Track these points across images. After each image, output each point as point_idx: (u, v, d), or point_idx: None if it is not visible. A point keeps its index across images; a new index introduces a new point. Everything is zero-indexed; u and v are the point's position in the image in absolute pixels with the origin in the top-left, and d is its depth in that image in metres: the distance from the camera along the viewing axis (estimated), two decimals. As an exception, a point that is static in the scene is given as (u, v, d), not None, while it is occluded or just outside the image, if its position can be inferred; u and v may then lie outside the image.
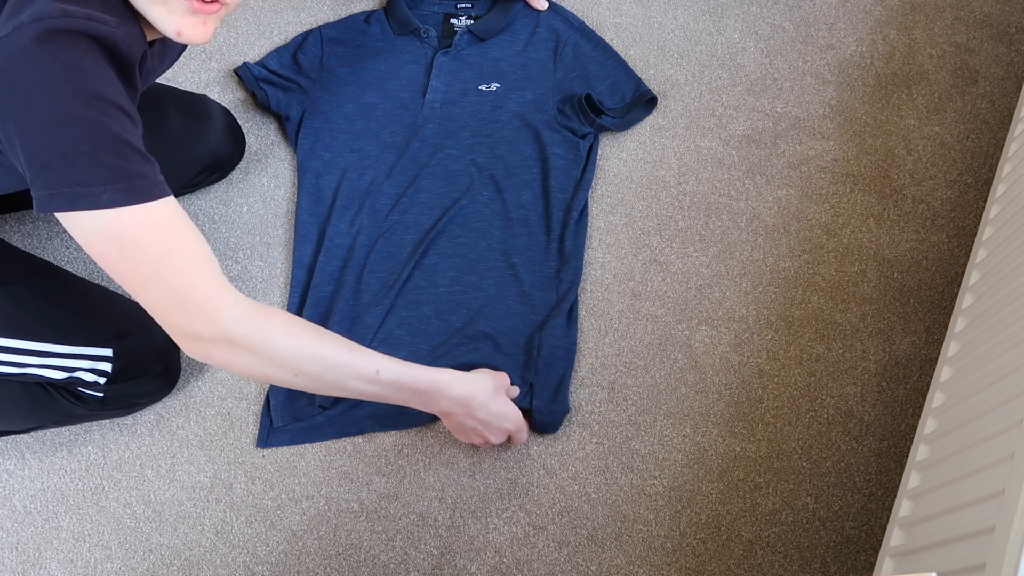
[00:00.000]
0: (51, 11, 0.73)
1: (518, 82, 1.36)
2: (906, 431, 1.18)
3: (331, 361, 0.92)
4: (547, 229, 1.26)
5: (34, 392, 1.06)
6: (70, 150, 0.75)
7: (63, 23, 0.73)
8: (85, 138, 0.76)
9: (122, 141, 0.78)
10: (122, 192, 0.78)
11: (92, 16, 0.75)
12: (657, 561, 1.11)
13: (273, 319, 0.89)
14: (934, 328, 1.24)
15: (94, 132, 0.76)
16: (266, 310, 0.88)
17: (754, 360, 1.22)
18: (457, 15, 1.41)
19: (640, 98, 1.36)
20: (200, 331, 0.84)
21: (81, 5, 0.76)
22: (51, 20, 0.73)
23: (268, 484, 1.15)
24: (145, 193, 0.79)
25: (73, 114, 0.75)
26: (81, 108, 0.75)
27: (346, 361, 0.93)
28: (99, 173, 0.77)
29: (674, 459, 1.16)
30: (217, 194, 1.32)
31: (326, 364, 0.91)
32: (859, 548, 1.11)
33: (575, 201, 1.28)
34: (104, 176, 0.77)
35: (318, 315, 1.21)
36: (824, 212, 1.32)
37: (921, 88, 1.42)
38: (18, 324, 1.02)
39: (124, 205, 0.78)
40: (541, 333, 1.19)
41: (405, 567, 1.11)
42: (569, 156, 1.31)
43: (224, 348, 0.86)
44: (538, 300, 1.22)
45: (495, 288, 1.22)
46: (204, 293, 0.83)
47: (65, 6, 0.74)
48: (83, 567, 1.10)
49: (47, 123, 0.75)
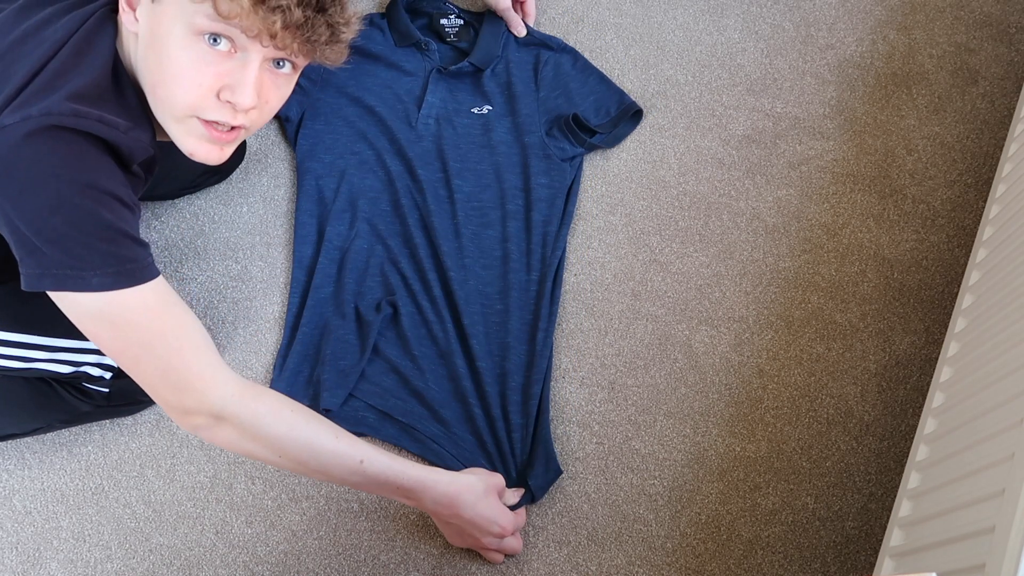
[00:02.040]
0: (62, 109, 0.76)
1: (508, 104, 1.36)
2: (906, 431, 1.18)
3: (316, 448, 0.93)
4: (528, 267, 1.25)
5: (40, 389, 1.06)
6: (62, 236, 0.78)
7: (71, 122, 0.76)
8: (77, 225, 0.78)
9: (114, 228, 0.80)
10: (112, 276, 0.81)
11: (103, 119, 0.78)
12: (657, 561, 1.11)
13: (263, 400, 0.91)
14: (934, 328, 1.24)
15: (86, 220, 0.78)
16: (257, 390, 0.91)
17: (754, 360, 1.22)
18: (447, 14, 1.41)
19: (625, 111, 1.35)
20: (190, 407, 0.87)
21: (94, 106, 0.77)
22: (59, 117, 0.75)
23: (268, 484, 1.15)
24: (135, 276, 0.82)
25: (66, 203, 0.77)
26: (75, 198, 0.77)
27: (331, 449, 0.93)
28: (90, 258, 0.79)
29: (674, 459, 1.16)
30: (217, 194, 1.32)
31: (311, 450, 0.92)
32: (859, 548, 1.11)
33: (559, 238, 1.26)
34: (95, 261, 0.80)
35: (318, 316, 1.22)
36: (824, 212, 1.32)
37: (921, 88, 1.42)
38: (25, 319, 1.02)
39: (114, 289, 0.81)
40: (526, 395, 1.16)
41: (405, 567, 1.11)
42: (554, 186, 1.30)
43: (213, 424, 0.89)
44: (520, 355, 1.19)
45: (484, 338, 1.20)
46: (196, 372, 0.86)
47: (78, 107, 0.76)
48: (83, 567, 1.10)
49: (40, 209, 0.77)
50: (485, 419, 1.16)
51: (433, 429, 1.15)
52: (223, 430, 0.89)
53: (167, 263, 1.27)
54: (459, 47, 1.41)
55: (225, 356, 1.22)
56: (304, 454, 0.92)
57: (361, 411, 1.16)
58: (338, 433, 0.95)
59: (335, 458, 0.94)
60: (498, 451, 1.14)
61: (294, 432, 0.91)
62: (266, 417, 0.90)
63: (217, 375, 0.88)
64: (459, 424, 1.16)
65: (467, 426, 1.15)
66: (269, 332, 1.23)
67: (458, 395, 1.17)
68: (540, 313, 1.21)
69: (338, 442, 0.94)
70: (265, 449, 0.91)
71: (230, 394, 0.88)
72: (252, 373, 1.21)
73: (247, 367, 1.21)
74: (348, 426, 1.16)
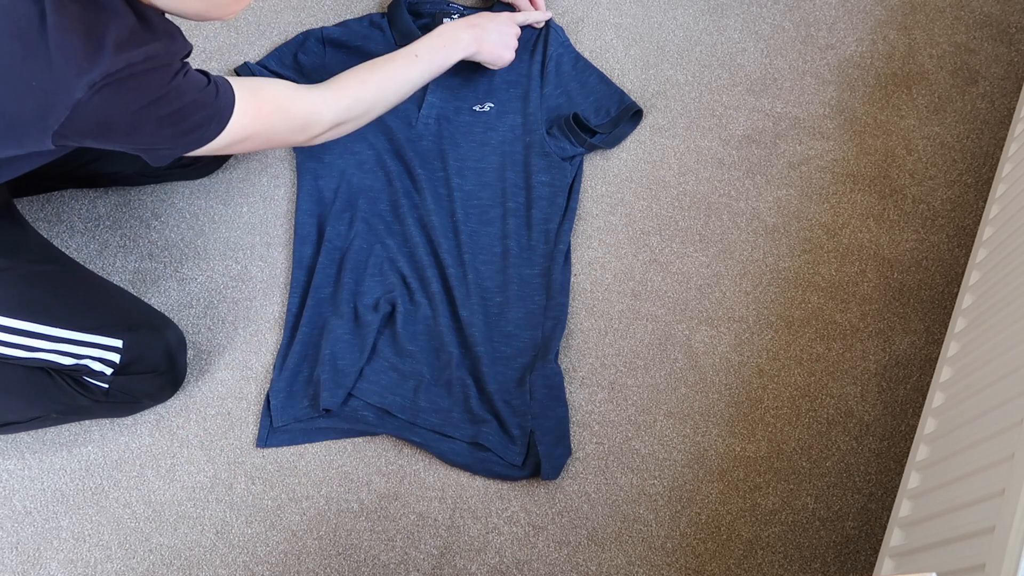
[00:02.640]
0: (117, 65, 0.85)
1: (510, 102, 1.36)
2: (906, 431, 1.18)
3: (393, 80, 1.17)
4: (531, 262, 1.26)
5: (39, 378, 1.07)
6: (173, 139, 0.95)
7: (126, 72, 0.86)
8: (177, 129, 0.94)
9: (194, 107, 0.94)
10: (215, 124, 0.97)
11: (148, 57, 0.88)
12: (657, 561, 1.11)
13: (350, 87, 1.14)
14: (934, 328, 1.24)
15: (179, 122, 0.93)
16: (340, 86, 1.13)
17: (754, 360, 1.22)
18: (450, 14, 1.40)
19: (625, 111, 1.35)
20: (318, 133, 1.11)
21: (137, 47, 0.87)
22: (117, 74, 0.86)
23: (268, 484, 1.15)
24: (226, 111, 0.98)
25: (162, 124, 0.92)
26: (164, 116, 0.92)
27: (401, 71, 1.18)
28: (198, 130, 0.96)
29: (674, 459, 1.16)
30: (217, 194, 1.32)
31: (393, 85, 1.18)
32: (859, 548, 1.11)
33: (561, 232, 1.27)
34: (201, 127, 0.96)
35: (318, 315, 1.22)
36: (824, 212, 1.32)
37: (921, 88, 1.42)
38: (31, 307, 1.03)
39: (222, 130, 0.98)
40: (531, 375, 1.17)
41: (405, 567, 1.11)
42: (555, 184, 1.30)
43: (337, 129, 1.13)
44: (524, 340, 1.21)
45: (483, 326, 1.21)
46: (305, 114, 1.08)
47: (126, 55, 0.86)
48: (83, 567, 1.10)
49: (149, 138, 0.93)
50: (485, 405, 1.16)
51: (433, 420, 1.15)
52: (345, 126, 1.14)
53: (167, 263, 1.27)
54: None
55: (225, 356, 1.22)
56: (394, 88, 1.18)
57: (360, 410, 1.16)
58: (391, 58, 1.19)
59: (408, 70, 1.19)
60: (500, 435, 1.14)
61: (381, 83, 1.16)
62: (362, 93, 1.14)
63: (317, 102, 1.09)
64: (459, 411, 1.16)
65: (466, 415, 1.15)
66: (269, 332, 1.23)
67: (456, 383, 1.17)
68: (551, 302, 1.22)
69: (396, 62, 1.19)
70: (377, 109, 1.17)
71: (332, 104, 1.11)
72: (252, 373, 1.21)
73: (247, 367, 1.21)
74: (347, 425, 1.16)
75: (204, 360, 1.22)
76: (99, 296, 1.11)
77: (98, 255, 1.28)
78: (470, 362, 1.18)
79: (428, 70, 1.22)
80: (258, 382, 1.20)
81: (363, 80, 1.15)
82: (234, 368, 1.21)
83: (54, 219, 1.29)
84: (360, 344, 1.18)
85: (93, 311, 1.08)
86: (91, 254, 1.28)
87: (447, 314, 1.21)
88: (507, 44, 1.31)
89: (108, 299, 1.12)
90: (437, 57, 1.22)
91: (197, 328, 1.23)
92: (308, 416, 1.16)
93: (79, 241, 1.28)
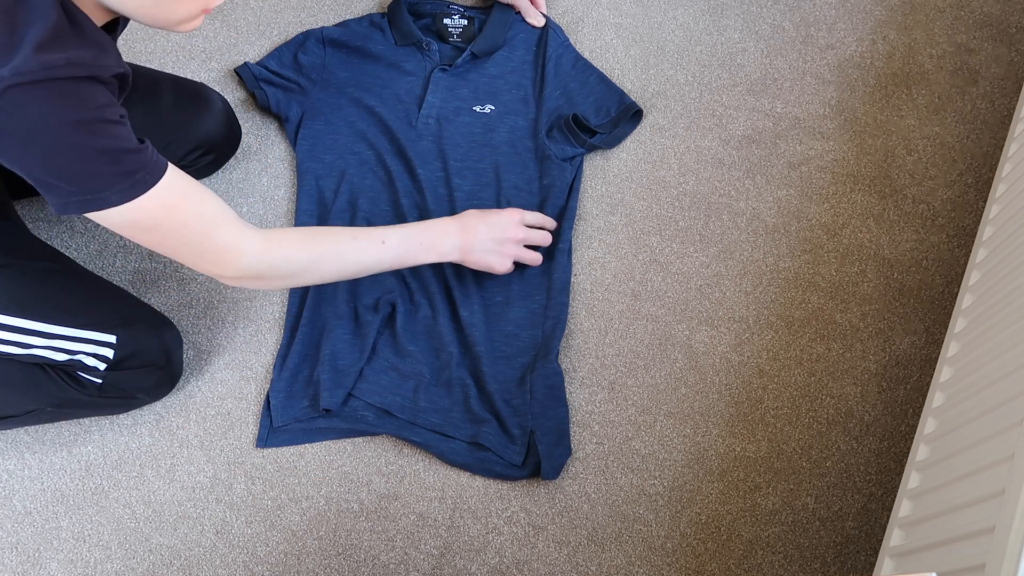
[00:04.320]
0: (32, 65, 0.78)
1: (511, 103, 1.36)
2: (906, 431, 1.18)
3: (344, 256, 1.07)
4: None
5: (32, 372, 1.07)
6: (70, 172, 0.85)
7: (41, 75, 0.79)
8: (79, 160, 0.85)
9: (112, 151, 0.86)
10: (126, 190, 0.88)
11: (70, 61, 0.80)
12: (657, 561, 1.11)
13: (285, 243, 1.03)
14: (934, 328, 1.24)
15: (86, 153, 0.85)
16: (277, 237, 1.03)
17: (754, 360, 1.22)
18: (450, 14, 1.40)
19: (626, 111, 1.35)
20: (230, 274, 1.00)
21: (59, 49, 0.80)
22: (30, 75, 0.78)
23: (268, 484, 1.15)
24: (146, 182, 0.89)
25: (63, 145, 0.83)
26: (69, 137, 0.83)
27: (356, 248, 1.07)
28: (100, 182, 0.86)
29: (674, 459, 1.16)
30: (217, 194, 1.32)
31: (342, 260, 1.07)
32: (859, 548, 1.11)
33: (562, 231, 1.27)
34: (106, 182, 0.87)
35: (317, 316, 1.22)
36: (824, 212, 1.32)
37: (921, 88, 1.42)
38: (25, 304, 1.04)
39: (131, 200, 0.88)
40: (532, 375, 1.17)
41: (405, 567, 1.11)
42: (556, 184, 1.30)
43: (255, 280, 1.02)
44: (525, 340, 1.21)
45: (484, 326, 1.21)
46: (223, 246, 0.97)
47: (45, 57, 0.79)
48: (83, 567, 1.10)
49: (43, 157, 0.84)
50: (485, 405, 1.16)
51: (433, 420, 1.15)
52: (265, 281, 1.03)
53: (167, 263, 1.27)
54: (460, 47, 1.41)
55: (225, 356, 1.22)
56: (337, 266, 1.07)
57: (360, 410, 1.16)
58: (354, 233, 1.08)
59: (362, 253, 1.08)
60: (500, 435, 1.14)
61: (322, 254, 1.05)
62: (295, 255, 1.03)
63: (242, 242, 0.98)
64: (459, 411, 1.16)
65: (466, 415, 1.15)
66: (269, 332, 1.23)
67: (456, 382, 1.17)
68: (551, 302, 1.22)
69: (357, 240, 1.08)
70: (306, 277, 1.07)
71: (257, 252, 1.00)
72: (252, 373, 1.21)
73: (247, 367, 1.21)
74: (347, 425, 1.16)
75: (204, 360, 1.22)
76: (94, 293, 1.11)
77: (98, 255, 1.28)
78: (470, 362, 1.18)
79: (392, 261, 1.11)
80: (258, 382, 1.20)
81: (305, 243, 1.05)
82: (234, 368, 1.21)
83: (54, 219, 1.29)
84: (360, 344, 1.18)
85: (87, 307, 1.08)
86: (91, 254, 1.28)
87: (447, 314, 1.21)
88: (501, 252, 1.17)
89: (103, 296, 1.12)
90: (408, 252, 1.11)
91: (197, 328, 1.23)
92: (308, 416, 1.16)
93: (79, 241, 1.29)
